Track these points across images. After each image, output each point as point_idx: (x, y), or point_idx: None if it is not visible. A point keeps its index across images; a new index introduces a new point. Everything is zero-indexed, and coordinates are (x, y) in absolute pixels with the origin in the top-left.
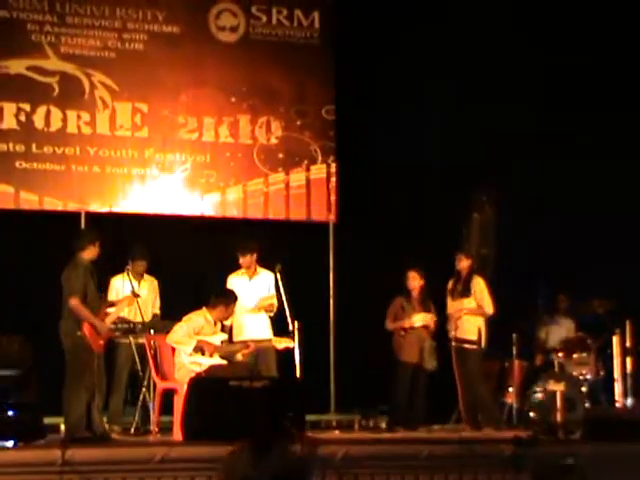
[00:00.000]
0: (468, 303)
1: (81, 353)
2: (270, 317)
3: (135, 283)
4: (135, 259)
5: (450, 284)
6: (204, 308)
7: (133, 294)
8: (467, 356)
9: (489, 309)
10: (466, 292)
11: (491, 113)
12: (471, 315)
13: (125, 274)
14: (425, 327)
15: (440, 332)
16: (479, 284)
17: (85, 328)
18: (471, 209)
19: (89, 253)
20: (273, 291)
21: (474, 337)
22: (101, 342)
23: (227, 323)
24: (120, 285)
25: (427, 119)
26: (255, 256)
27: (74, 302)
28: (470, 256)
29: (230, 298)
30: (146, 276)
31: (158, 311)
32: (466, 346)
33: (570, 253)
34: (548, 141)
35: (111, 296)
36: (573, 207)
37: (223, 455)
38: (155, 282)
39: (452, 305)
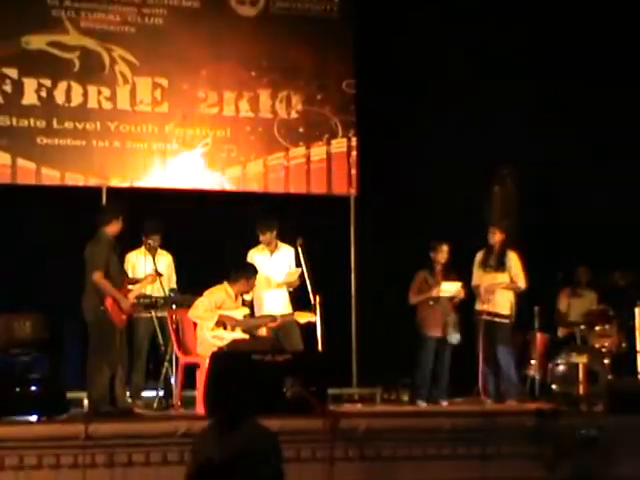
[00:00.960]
0: (502, 277)
1: (104, 328)
2: (290, 292)
3: (149, 259)
4: (149, 233)
5: (480, 256)
6: (225, 282)
7: (156, 272)
8: (498, 329)
9: (522, 284)
10: (501, 266)
11: (515, 86)
12: (504, 289)
13: (143, 249)
14: (450, 299)
15: (463, 305)
16: (514, 259)
17: (108, 303)
18: (492, 182)
19: (112, 228)
20: (294, 266)
21: (506, 311)
22: (123, 317)
23: (248, 298)
24: (136, 261)
25: (449, 91)
26: (275, 233)
27: (97, 277)
28: (504, 230)
29: (251, 271)
30: (161, 251)
31: (175, 285)
32: (497, 320)
33: (591, 224)
34: (571, 113)
35: (127, 272)
36: (593, 179)
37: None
38: (170, 257)
39: (484, 278)
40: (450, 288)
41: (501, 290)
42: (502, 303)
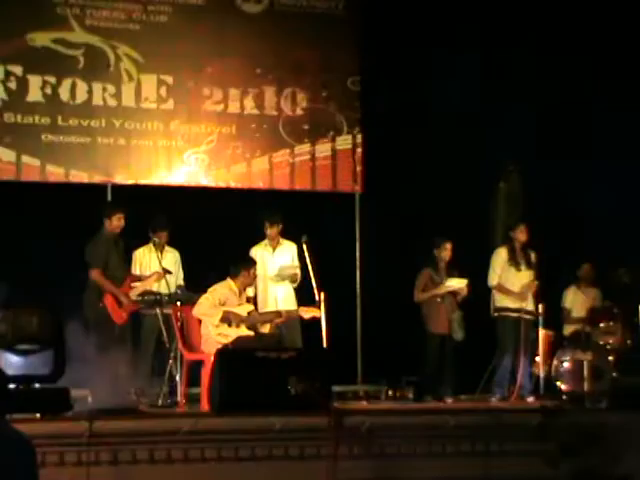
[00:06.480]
0: (531, 275)
1: (103, 325)
2: (294, 288)
3: (156, 256)
4: (156, 230)
5: (505, 255)
6: (228, 279)
7: (164, 270)
8: (532, 327)
9: None
10: (529, 264)
11: (520, 84)
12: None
13: (150, 246)
14: (454, 296)
15: (467, 302)
16: (535, 257)
17: (107, 300)
18: (498, 178)
19: (110, 225)
20: (297, 261)
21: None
22: (123, 314)
23: (251, 294)
24: (143, 257)
25: (453, 89)
26: (280, 228)
27: (94, 274)
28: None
29: (249, 262)
30: (168, 248)
31: (182, 282)
32: (530, 318)
33: (596, 221)
34: (580, 106)
35: (135, 269)
36: (599, 175)
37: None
38: (177, 254)
39: (517, 276)
40: (454, 284)
41: None
42: (532, 301)
